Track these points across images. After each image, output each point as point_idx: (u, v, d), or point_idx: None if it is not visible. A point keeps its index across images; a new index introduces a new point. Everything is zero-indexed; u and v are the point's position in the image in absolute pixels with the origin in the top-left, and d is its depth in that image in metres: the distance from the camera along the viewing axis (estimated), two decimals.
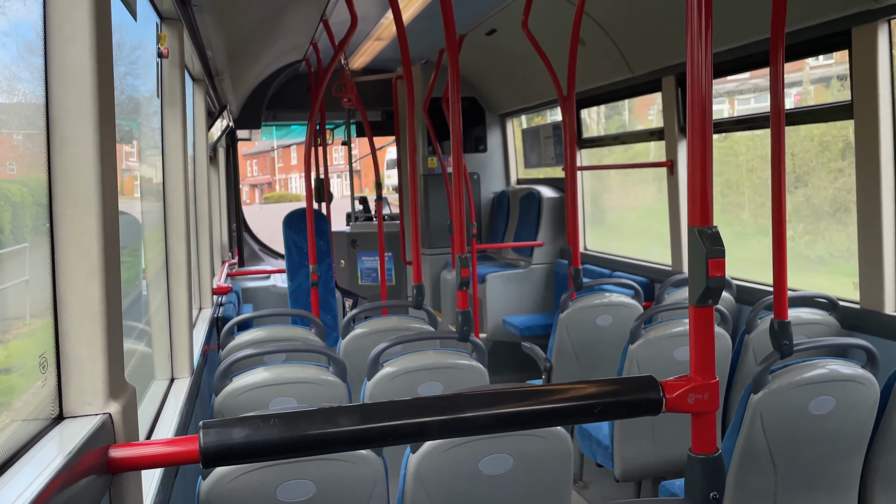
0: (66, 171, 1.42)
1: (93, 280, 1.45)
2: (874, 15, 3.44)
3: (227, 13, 3.98)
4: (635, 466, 3.71)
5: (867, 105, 3.54)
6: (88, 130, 1.43)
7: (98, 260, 1.45)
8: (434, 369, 3.18)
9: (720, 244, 1.57)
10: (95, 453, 1.36)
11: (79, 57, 1.42)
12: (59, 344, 1.46)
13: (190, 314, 3.21)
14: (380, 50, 7.23)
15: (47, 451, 1.30)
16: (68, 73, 1.42)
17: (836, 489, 2.86)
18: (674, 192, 5.31)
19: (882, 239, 3.55)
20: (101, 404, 1.48)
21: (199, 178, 4.99)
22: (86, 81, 1.43)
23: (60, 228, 1.43)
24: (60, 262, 1.44)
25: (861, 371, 2.75)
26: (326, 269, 6.31)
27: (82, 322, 1.45)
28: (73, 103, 1.42)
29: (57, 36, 1.42)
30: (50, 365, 1.46)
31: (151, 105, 3.16)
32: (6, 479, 1.18)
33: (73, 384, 1.47)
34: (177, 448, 1.47)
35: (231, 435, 1.44)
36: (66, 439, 1.35)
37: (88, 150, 1.43)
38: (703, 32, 1.61)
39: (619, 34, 5.31)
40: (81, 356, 1.46)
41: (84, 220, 1.44)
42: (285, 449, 1.47)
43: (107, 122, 1.49)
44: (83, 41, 1.42)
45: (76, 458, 1.26)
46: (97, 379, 1.48)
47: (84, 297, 1.45)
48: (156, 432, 2.44)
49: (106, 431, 1.45)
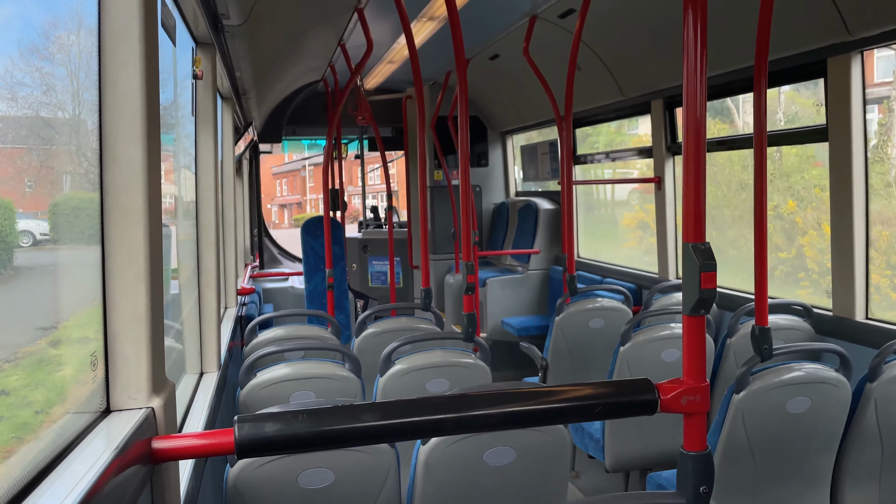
0: (116, 187, 1.43)
1: (139, 285, 1.46)
2: (848, 46, 3.45)
3: (255, 38, 4.00)
4: (624, 458, 3.71)
5: (841, 129, 3.55)
6: (137, 150, 1.44)
7: (144, 267, 1.46)
8: (441, 367, 3.19)
9: (712, 259, 1.57)
10: (140, 444, 1.37)
11: (130, 82, 1.43)
12: (107, 343, 1.47)
13: (219, 313, 3.21)
14: (392, 72, 7.25)
15: (98, 443, 1.30)
16: (120, 97, 1.43)
17: (811, 483, 2.86)
18: (661, 207, 5.32)
19: (853, 252, 3.56)
20: (144, 399, 1.49)
21: (227, 188, 5.00)
22: (135, 104, 1.44)
23: (110, 239, 1.44)
24: (110, 269, 1.45)
25: (835, 374, 2.76)
26: (340, 273, 6.32)
27: (129, 323, 1.46)
28: (123, 125, 1.43)
29: (111, 63, 1.43)
30: (99, 362, 1.47)
31: (170, 116, 3.13)
32: (63, 468, 1.19)
33: (119, 380, 1.48)
34: (214, 440, 1.47)
35: (264, 429, 1.45)
36: (114, 431, 1.35)
37: (137, 167, 1.44)
38: (698, 61, 1.62)
39: (613, 60, 5.32)
40: (128, 354, 1.47)
41: (132, 232, 1.45)
42: (313, 442, 1.48)
43: (153, 142, 1.50)
44: (134, 67, 1.43)
45: (124, 449, 1.27)
46: (141, 375, 1.49)
47: (131, 301, 1.46)
48: (188, 422, 2.45)
49: (149, 424, 1.46)
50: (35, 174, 1.47)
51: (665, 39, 4.55)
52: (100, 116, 1.43)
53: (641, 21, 4.67)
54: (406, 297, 8.29)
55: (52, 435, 1.27)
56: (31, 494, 1.07)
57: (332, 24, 5.02)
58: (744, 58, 4.03)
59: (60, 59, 1.50)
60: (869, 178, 3.56)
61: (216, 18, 3.14)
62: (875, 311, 3.60)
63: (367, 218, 9.23)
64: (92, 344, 1.47)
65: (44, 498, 1.07)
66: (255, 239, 8.94)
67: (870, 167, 3.56)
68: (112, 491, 1.19)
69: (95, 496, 1.11)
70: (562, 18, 5.15)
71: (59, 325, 1.52)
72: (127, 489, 1.26)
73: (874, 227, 3.61)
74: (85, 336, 1.50)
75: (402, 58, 6.51)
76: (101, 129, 1.43)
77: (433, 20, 5.21)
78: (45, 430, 1.30)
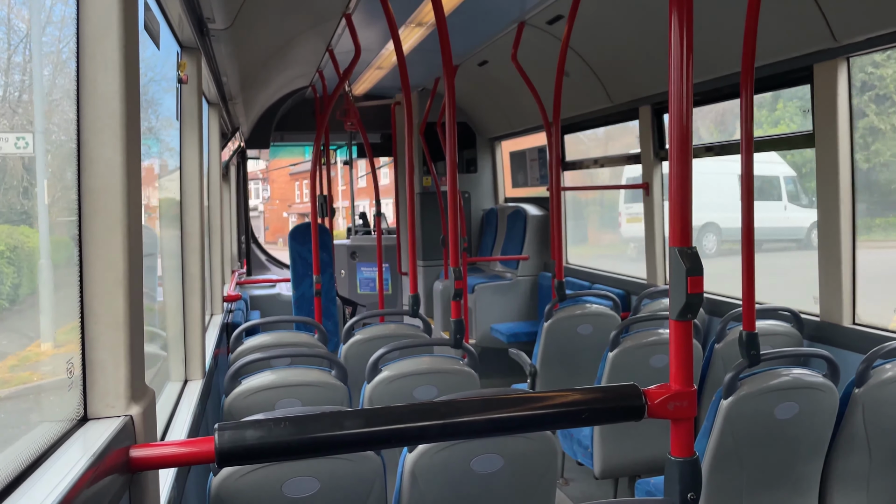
0: (94, 190, 1.41)
1: (118, 290, 1.43)
2: (834, 53, 3.47)
3: (241, 43, 3.98)
4: (613, 465, 3.69)
5: (827, 135, 3.56)
6: (116, 152, 1.42)
7: (123, 272, 1.43)
8: (429, 374, 3.16)
9: (699, 263, 1.56)
10: (118, 453, 1.34)
11: (109, 84, 1.41)
12: (84, 350, 1.44)
13: (203, 320, 3.18)
14: (380, 78, 7.24)
15: (74, 451, 1.28)
16: (99, 98, 1.41)
17: (799, 488, 2.86)
18: (649, 212, 5.33)
19: (841, 258, 3.57)
20: (122, 407, 1.46)
21: (213, 194, 4.97)
22: (114, 107, 1.41)
23: (88, 242, 1.42)
24: (88, 273, 1.42)
25: (822, 379, 2.76)
26: (328, 279, 6.29)
27: (107, 330, 1.43)
28: (102, 127, 1.41)
29: (89, 63, 1.40)
30: (76, 369, 1.44)
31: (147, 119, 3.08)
32: (38, 476, 1.16)
33: (97, 387, 1.45)
34: (193, 449, 1.45)
35: (244, 436, 1.42)
36: (91, 440, 1.33)
37: (116, 170, 1.42)
38: (685, 68, 1.61)
39: (601, 67, 5.34)
40: (106, 361, 1.44)
41: (110, 236, 1.42)
42: (295, 450, 1.46)
43: (132, 145, 1.48)
44: (113, 69, 1.41)
45: (100, 457, 1.24)
46: (120, 383, 1.46)
47: (110, 307, 1.43)
48: (171, 430, 2.41)
49: (127, 432, 1.43)
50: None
51: (653, 46, 4.57)
52: (77, 118, 1.41)
53: (629, 27, 4.69)
54: (395, 303, 8.26)
55: (24, 444, 1.25)
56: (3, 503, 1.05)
57: (320, 29, 5.01)
58: (730, 64, 4.05)
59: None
60: (856, 183, 3.57)
61: (201, 22, 3.12)
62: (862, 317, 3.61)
63: (356, 224, 9.20)
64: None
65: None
66: (242, 246, 8.89)
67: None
68: (87, 500, 1.16)
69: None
70: (550, 25, 5.16)
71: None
72: (103, 498, 1.24)
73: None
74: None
75: (391, 64, 6.51)
76: (78, 132, 1.41)
77: (421, 26, 5.21)
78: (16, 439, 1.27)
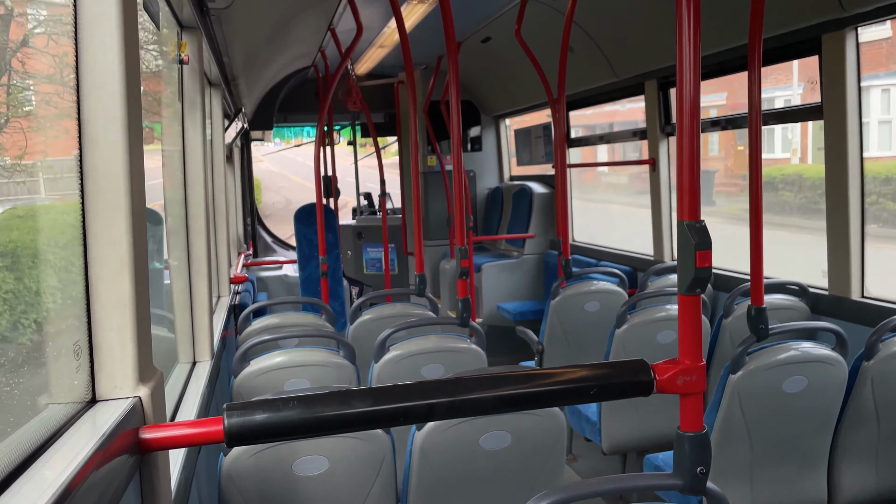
0: (97, 171, 1.40)
1: (122, 272, 1.43)
2: (842, 23, 3.41)
3: (242, 23, 3.95)
4: (621, 441, 3.71)
5: (836, 106, 3.52)
6: (118, 133, 1.40)
7: (127, 253, 1.42)
8: (436, 352, 3.17)
9: (707, 237, 1.55)
10: (127, 434, 1.34)
11: (109, 64, 1.39)
12: (91, 332, 1.44)
13: (210, 302, 3.18)
14: (383, 56, 7.18)
15: (83, 433, 1.28)
16: (98, 79, 1.39)
17: (808, 462, 2.86)
18: (655, 188, 5.29)
19: (849, 230, 3.54)
20: (131, 388, 1.46)
21: (217, 176, 4.95)
22: (115, 87, 1.40)
23: (92, 224, 1.41)
24: (92, 255, 1.42)
25: (831, 353, 2.75)
26: (334, 260, 6.29)
27: (113, 311, 1.43)
28: (103, 108, 1.39)
29: (88, 44, 1.39)
30: (83, 352, 1.44)
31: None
32: (47, 458, 1.16)
33: (104, 370, 1.45)
34: (203, 429, 1.45)
35: (253, 416, 1.42)
36: (100, 422, 1.33)
37: (118, 151, 1.40)
38: (692, 39, 1.58)
39: (605, 42, 5.28)
40: (112, 343, 1.44)
41: (114, 217, 1.41)
42: (303, 429, 1.46)
43: (135, 125, 1.46)
44: (112, 50, 1.39)
45: (109, 439, 1.24)
46: (127, 365, 1.45)
47: (114, 288, 1.43)
48: (180, 412, 2.42)
49: (136, 414, 1.43)
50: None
51: (658, 19, 4.51)
52: (77, 99, 1.39)
53: (634, 1, 4.62)
54: (401, 283, 8.27)
55: (32, 427, 1.25)
56: (10, 487, 1.05)
57: (322, 8, 4.96)
58: (738, 36, 3.99)
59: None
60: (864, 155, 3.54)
61: (201, 2, 3.09)
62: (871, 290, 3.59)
63: (361, 205, 9.18)
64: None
65: (24, 489, 1.04)
66: (248, 227, 8.90)
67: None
68: (97, 481, 1.16)
69: (80, 486, 1.08)
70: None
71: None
72: (113, 479, 1.24)
73: None
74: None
75: (393, 42, 6.45)
76: (79, 113, 1.39)
77: (423, 3, 5.15)
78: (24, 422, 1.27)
